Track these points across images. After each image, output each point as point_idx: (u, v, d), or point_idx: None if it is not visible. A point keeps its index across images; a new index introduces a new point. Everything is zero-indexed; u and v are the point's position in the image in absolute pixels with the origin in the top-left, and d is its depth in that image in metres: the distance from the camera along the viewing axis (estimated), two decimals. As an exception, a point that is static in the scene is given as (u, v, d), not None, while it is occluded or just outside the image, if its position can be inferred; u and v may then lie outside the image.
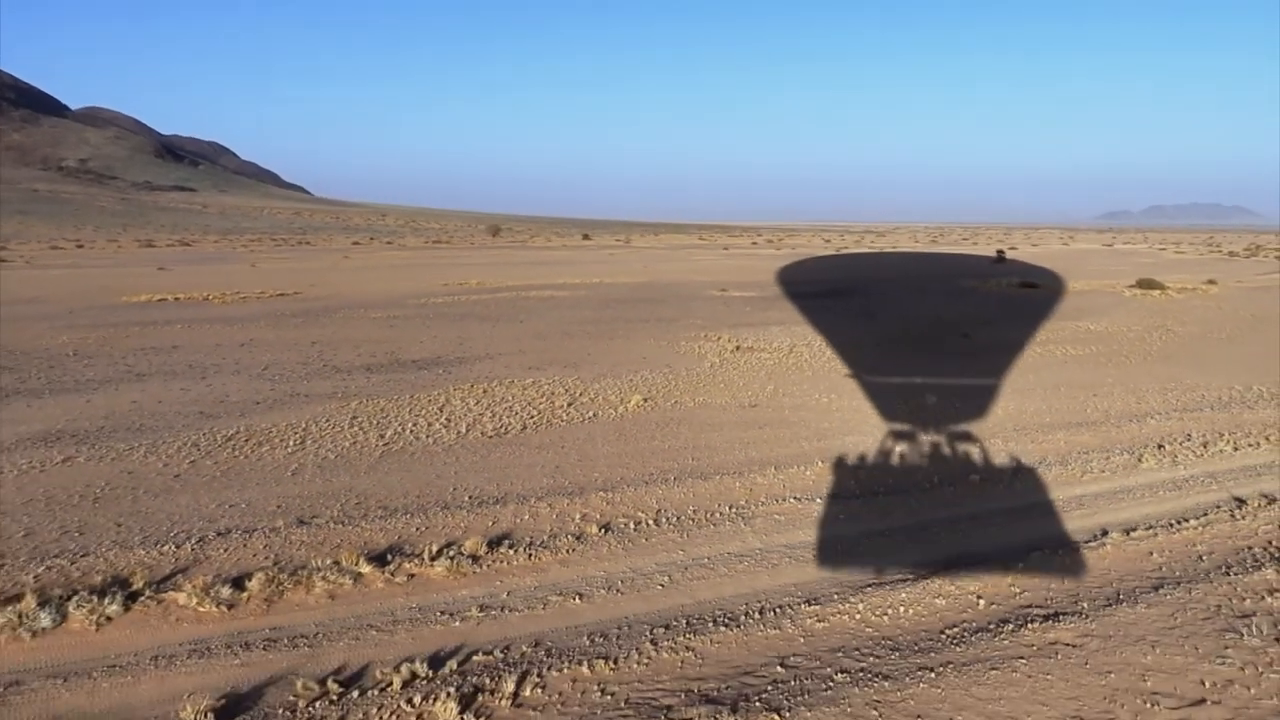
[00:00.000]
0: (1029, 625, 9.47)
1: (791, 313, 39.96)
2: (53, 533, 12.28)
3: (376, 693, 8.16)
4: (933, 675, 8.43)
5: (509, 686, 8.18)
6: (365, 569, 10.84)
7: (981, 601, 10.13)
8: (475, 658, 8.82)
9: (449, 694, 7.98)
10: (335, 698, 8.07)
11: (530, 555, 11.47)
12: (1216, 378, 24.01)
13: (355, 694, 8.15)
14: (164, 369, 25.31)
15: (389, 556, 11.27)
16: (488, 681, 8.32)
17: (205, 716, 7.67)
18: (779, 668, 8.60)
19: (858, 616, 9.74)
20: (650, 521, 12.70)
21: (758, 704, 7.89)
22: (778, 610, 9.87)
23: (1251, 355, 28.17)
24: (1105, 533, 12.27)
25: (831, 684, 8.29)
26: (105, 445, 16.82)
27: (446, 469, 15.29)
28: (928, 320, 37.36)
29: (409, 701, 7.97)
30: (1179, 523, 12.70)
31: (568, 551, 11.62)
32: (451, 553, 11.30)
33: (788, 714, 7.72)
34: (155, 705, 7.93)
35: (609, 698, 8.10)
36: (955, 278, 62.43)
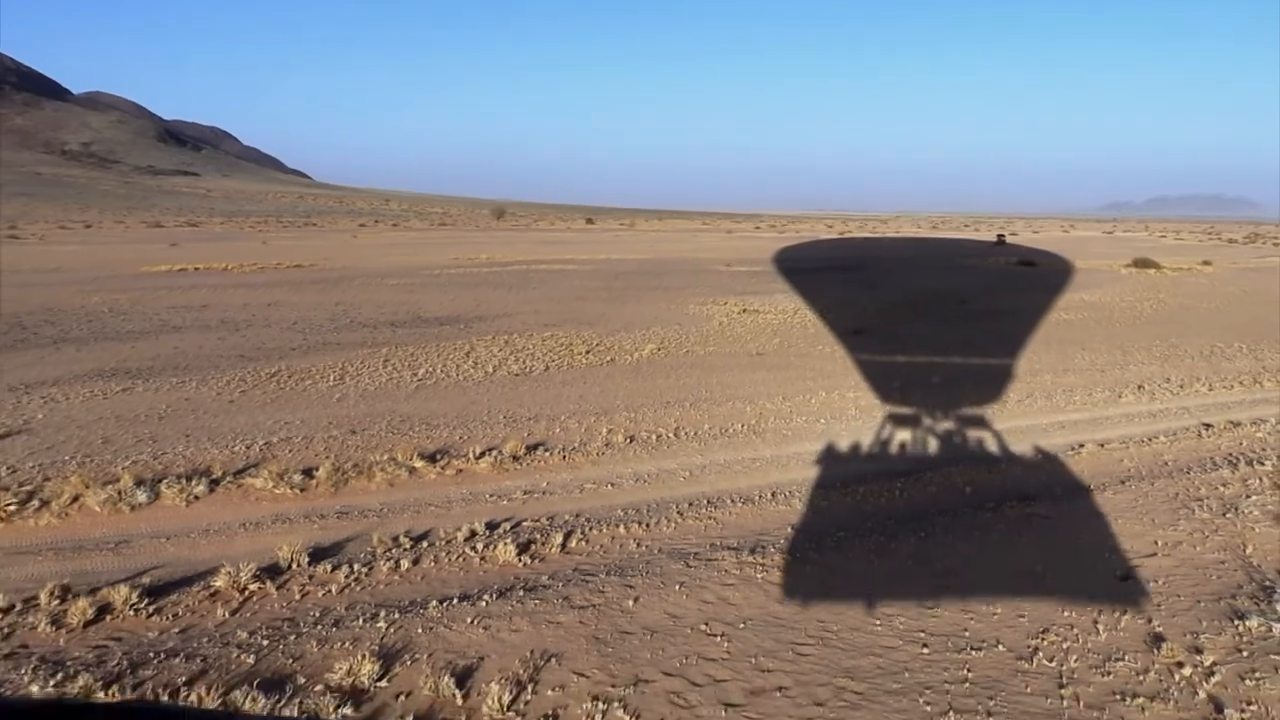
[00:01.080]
0: (1007, 504, 10.81)
1: (794, 283, 41.16)
2: (129, 440, 13.59)
3: (443, 544, 9.49)
4: (922, 534, 9.77)
5: (557, 539, 9.51)
6: (418, 464, 12.17)
7: (968, 489, 11.46)
8: (525, 523, 10.15)
9: (506, 543, 9.30)
10: (408, 547, 9.39)
11: (565, 457, 12.78)
12: (1200, 338, 25.24)
13: (425, 545, 9.47)
14: (198, 323, 26.59)
15: (438, 457, 12.58)
16: (538, 537, 9.65)
17: (300, 556, 8.99)
18: (789, 529, 9.93)
19: (859, 497, 11.09)
20: (670, 434, 14.01)
21: (772, 550, 9.23)
22: (788, 494, 11.19)
23: (1237, 321, 29.37)
24: (1082, 446, 13.57)
25: (836, 539, 9.63)
26: (158, 380, 18.11)
27: (479, 398, 16.58)
28: (927, 291, 38.55)
29: (472, 548, 9.31)
30: (1149, 440, 14.01)
31: (598, 455, 12.93)
32: (494, 454, 12.61)
33: (799, 555, 9.05)
34: (252, 554, 9.21)
35: (644, 548, 9.43)
36: (955, 257, 63.60)
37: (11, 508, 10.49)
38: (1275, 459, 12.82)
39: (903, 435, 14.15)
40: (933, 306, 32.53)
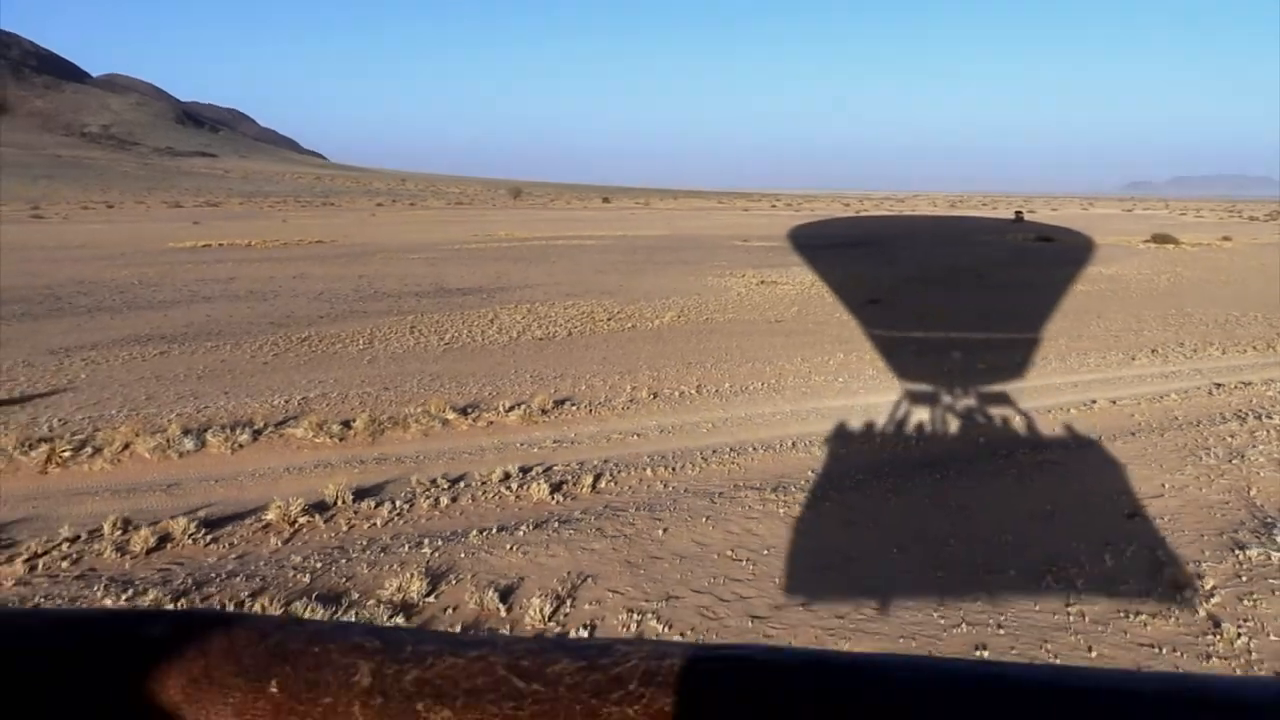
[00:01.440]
0: (1020, 452, 11.19)
1: (811, 257, 41.44)
2: (171, 397, 14.14)
3: (479, 484, 9.97)
4: (938, 477, 10.18)
5: (587, 480, 9.98)
6: (451, 416, 12.66)
7: (982, 439, 11.86)
8: (555, 468, 10.61)
9: (540, 483, 9.78)
10: (446, 487, 9.88)
11: (591, 411, 13.24)
12: (1216, 308, 25.41)
13: (461, 485, 9.96)
14: (226, 294, 27.17)
15: (469, 410, 13.07)
16: (569, 479, 10.13)
17: (344, 494, 9.49)
18: (809, 473, 10.36)
19: (876, 445, 11.51)
20: (693, 391, 14.44)
21: (793, 489, 9.68)
22: (808, 443, 11.62)
23: (1254, 293, 29.47)
24: (1094, 402, 13.92)
25: (854, 481, 10.06)
26: (193, 344, 18.67)
27: (505, 359, 17.05)
28: (945, 265, 38.74)
29: (507, 488, 9.80)
30: (1160, 397, 14.33)
31: (623, 409, 13.38)
32: (523, 408, 13.07)
33: (819, 494, 9.49)
34: (298, 494, 9.69)
35: (670, 489, 9.88)
36: (972, 234, 63.60)
37: (66, 454, 11.04)
38: (1284, 414, 13.14)
39: (916, 396, 14.53)
40: (949, 279, 32.76)
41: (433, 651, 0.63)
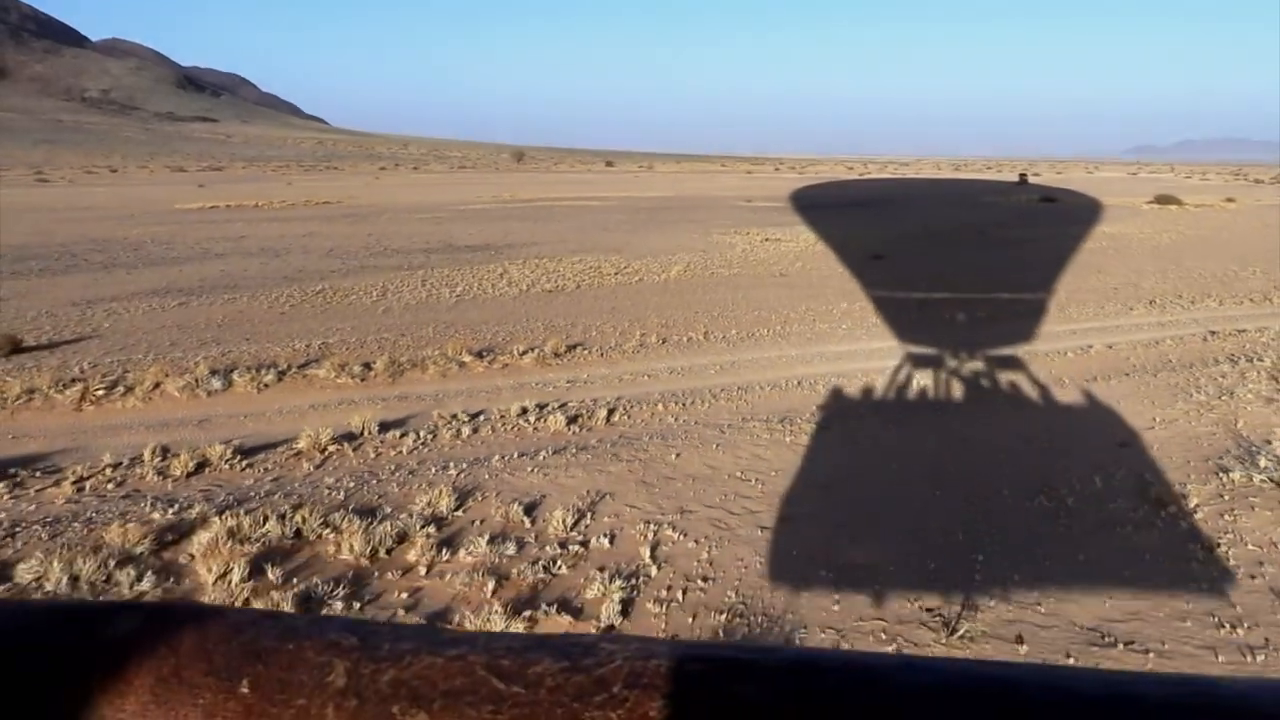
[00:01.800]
0: (1017, 390, 11.64)
1: (815, 217, 41.66)
2: (194, 343, 14.57)
3: (498, 418, 10.42)
4: (938, 411, 10.66)
5: (601, 414, 10.44)
6: (467, 359, 13.10)
7: (982, 380, 12.28)
8: (570, 404, 11.06)
9: (556, 416, 10.24)
10: (466, 420, 10.33)
11: (602, 354, 13.67)
12: (1216, 263, 25.70)
13: (481, 419, 10.41)
14: (238, 251, 27.53)
15: (484, 354, 13.50)
16: (584, 412, 10.59)
17: (370, 426, 9.94)
18: (813, 408, 10.81)
19: (880, 383, 11.94)
20: (700, 338, 14.86)
21: (799, 421, 10.13)
22: (812, 382, 12.05)
23: (1255, 249, 29.72)
24: (1091, 347, 14.33)
25: (858, 414, 10.53)
26: (210, 296, 19.08)
27: (517, 308, 17.46)
28: (948, 223, 38.99)
29: (525, 420, 10.26)
30: (1156, 343, 14.72)
31: (633, 353, 13.81)
32: (536, 352, 13.51)
33: (824, 425, 9.94)
34: (324, 426, 10.14)
35: (681, 422, 10.34)
36: (977, 195, 63.64)
37: (100, 392, 11.50)
38: (1275, 357, 13.53)
39: (919, 340, 14.93)
40: (951, 236, 33.04)
41: (410, 650, 0.63)
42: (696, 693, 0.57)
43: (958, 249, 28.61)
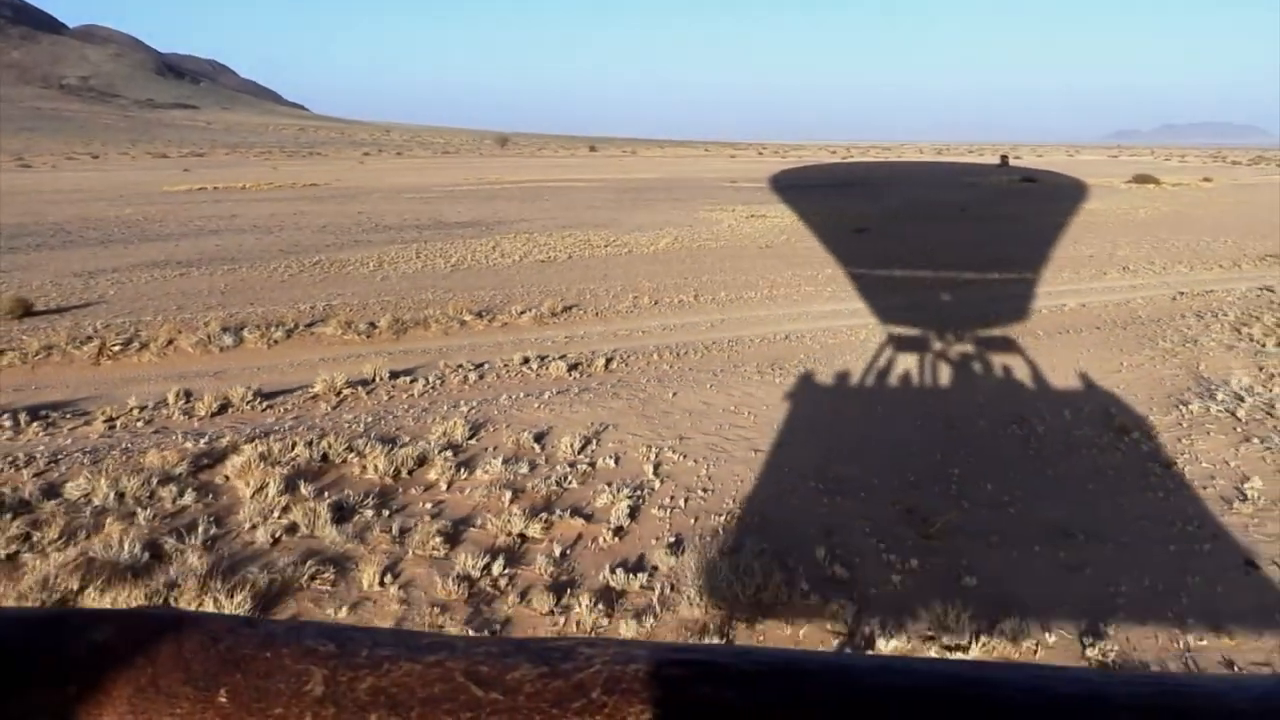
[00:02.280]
0: (993, 338, 12.26)
1: (799, 195, 42.25)
2: (199, 307, 15.02)
3: (502, 366, 10.97)
4: (917, 356, 11.24)
5: (600, 362, 11.03)
6: (468, 318, 13.62)
7: (960, 330, 12.91)
8: (568, 356, 11.60)
9: (558, 363, 10.80)
10: (472, 369, 10.87)
11: (597, 314, 14.23)
12: (1189, 235, 26.44)
13: (486, 367, 10.95)
14: (231, 228, 27.88)
15: (484, 314, 14.03)
16: (583, 361, 11.15)
17: (383, 373, 10.47)
18: (801, 356, 11.41)
19: (862, 336, 12.55)
20: (691, 299, 15.43)
21: (788, 366, 10.73)
22: (800, 336, 12.67)
23: (1227, 223, 30.51)
24: (1064, 305, 14.99)
25: (843, 361, 11.12)
26: (210, 267, 19.49)
27: (512, 276, 17.98)
28: (929, 202, 39.64)
29: (528, 368, 10.83)
30: (1127, 302, 15.39)
31: (627, 312, 14.38)
32: (533, 312, 14.05)
33: (809, 369, 10.53)
34: (337, 374, 10.65)
35: (675, 369, 10.93)
36: (958, 176, 64.40)
37: (116, 348, 11.96)
38: (1239, 312, 14.21)
39: (901, 300, 15.55)
40: (931, 213, 33.69)
41: (389, 656, 0.62)
42: (675, 697, 0.58)
43: (939, 224, 29.26)
